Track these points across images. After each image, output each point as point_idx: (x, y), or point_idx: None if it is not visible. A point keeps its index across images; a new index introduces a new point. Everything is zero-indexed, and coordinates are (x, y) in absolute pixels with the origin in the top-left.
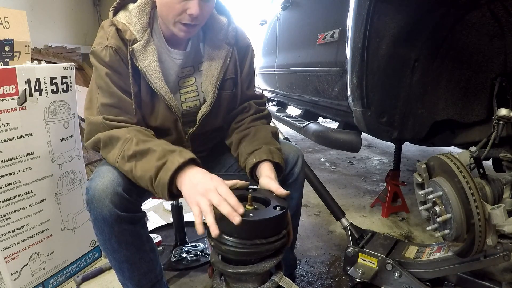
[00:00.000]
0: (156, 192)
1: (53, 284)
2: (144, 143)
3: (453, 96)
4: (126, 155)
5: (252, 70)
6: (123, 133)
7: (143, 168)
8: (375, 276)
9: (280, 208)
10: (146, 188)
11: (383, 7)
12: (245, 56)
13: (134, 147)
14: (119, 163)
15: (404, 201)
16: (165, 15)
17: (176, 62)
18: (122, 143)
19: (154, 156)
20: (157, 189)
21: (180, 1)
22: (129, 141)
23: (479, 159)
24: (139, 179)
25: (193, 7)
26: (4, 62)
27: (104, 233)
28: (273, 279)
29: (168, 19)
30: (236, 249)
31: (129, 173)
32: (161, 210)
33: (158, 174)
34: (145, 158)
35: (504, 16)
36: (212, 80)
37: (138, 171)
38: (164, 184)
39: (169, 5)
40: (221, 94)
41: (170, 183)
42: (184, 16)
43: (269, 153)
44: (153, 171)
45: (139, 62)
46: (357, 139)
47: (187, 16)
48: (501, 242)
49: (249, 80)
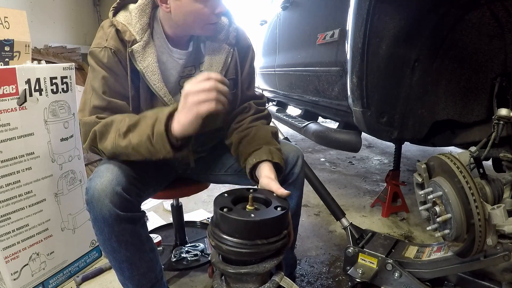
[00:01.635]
0: (157, 149)
1: (53, 284)
2: (135, 116)
3: (453, 96)
4: (122, 132)
5: (252, 70)
6: (116, 117)
7: (139, 133)
8: (375, 276)
9: (281, 209)
10: (148, 154)
11: (383, 7)
12: (246, 56)
13: (127, 123)
14: (116, 142)
15: (404, 201)
16: (191, 23)
17: (179, 62)
18: (116, 125)
19: (146, 119)
20: (157, 145)
21: (205, 6)
22: (122, 120)
23: (479, 159)
24: (138, 146)
25: (220, 5)
26: (4, 62)
27: (104, 233)
28: (274, 279)
29: (194, 25)
30: (237, 249)
31: (128, 147)
32: (161, 210)
33: (154, 129)
34: (139, 126)
35: (504, 16)
36: None
37: (135, 138)
38: (162, 133)
39: (196, 12)
40: None
41: (166, 129)
42: (212, 17)
43: (269, 153)
44: (149, 129)
45: (138, 63)
46: (357, 139)
47: (214, 16)
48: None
49: (249, 80)
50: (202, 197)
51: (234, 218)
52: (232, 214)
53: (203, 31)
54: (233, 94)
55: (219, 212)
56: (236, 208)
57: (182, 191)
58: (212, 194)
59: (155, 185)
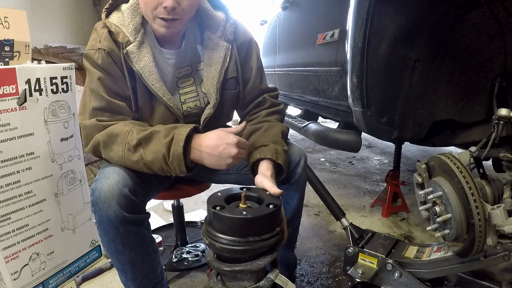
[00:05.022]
0: (172, 169)
1: (53, 284)
2: (145, 130)
3: (453, 96)
4: (131, 146)
5: (260, 63)
6: (121, 128)
7: (152, 150)
8: (375, 276)
9: (273, 206)
10: (160, 171)
11: (383, 7)
12: (249, 51)
13: (136, 136)
14: (126, 156)
15: (404, 201)
16: (144, 11)
17: (169, 62)
18: (124, 137)
19: (159, 136)
20: (172, 165)
21: None
22: (130, 132)
23: (479, 159)
24: (152, 163)
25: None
26: (4, 62)
27: (109, 234)
28: (269, 277)
29: (147, 15)
30: (230, 246)
31: (140, 162)
32: (161, 210)
33: (170, 149)
34: (152, 142)
35: (504, 16)
36: (213, 81)
37: (149, 155)
38: (179, 155)
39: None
40: (224, 94)
41: (184, 154)
42: (160, 10)
43: (274, 153)
44: (165, 149)
45: (135, 64)
46: (357, 139)
47: (162, 9)
48: (501, 242)
49: (260, 74)
50: (202, 197)
51: (226, 216)
52: (225, 212)
53: (156, 25)
54: (236, 92)
55: (212, 210)
56: (229, 206)
57: (184, 191)
58: None
59: (158, 185)
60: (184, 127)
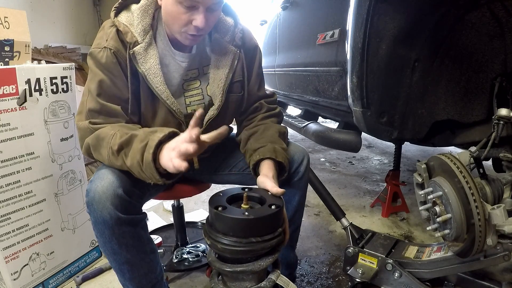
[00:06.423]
0: (147, 176)
1: (53, 284)
2: (126, 134)
3: (453, 96)
4: (114, 151)
5: (261, 71)
6: (107, 131)
7: (130, 156)
8: (375, 276)
9: (275, 206)
10: (139, 176)
11: (383, 7)
12: (254, 57)
13: (118, 140)
14: (111, 160)
15: (404, 201)
16: (170, 24)
17: (182, 65)
18: (107, 141)
19: (137, 141)
20: (146, 172)
21: (186, 12)
22: (113, 136)
23: (479, 159)
24: (132, 168)
25: (199, 19)
26: (4, 62)
27: (105, 235)
28: (270, 278)
29: (173, 28)
30: (231, 247)
31: (123, 167)
32: (161, 210)
33: (143, 155)
34: (130, 147)
35: (504, 16)
36: (220, 83)
37: (129, 160)
38: (149, 163)
39: (174, 16)
40: (229, 97)
41: (154, 160)
42: (190, 27)
43: (273, 152)
44: (139, 155)
45: (140, 65)
46: (357, 139)
47: (193, 27)
48: (501, 242)
49: (259, 81)
50: (202, 197)
51: (228, 217)
52: (226, 213)
53: (182, 38)
54: (241, 96)
55: (214, 211)
56: (231, 207)
57: (184, 191)
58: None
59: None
60: (161, 132)
